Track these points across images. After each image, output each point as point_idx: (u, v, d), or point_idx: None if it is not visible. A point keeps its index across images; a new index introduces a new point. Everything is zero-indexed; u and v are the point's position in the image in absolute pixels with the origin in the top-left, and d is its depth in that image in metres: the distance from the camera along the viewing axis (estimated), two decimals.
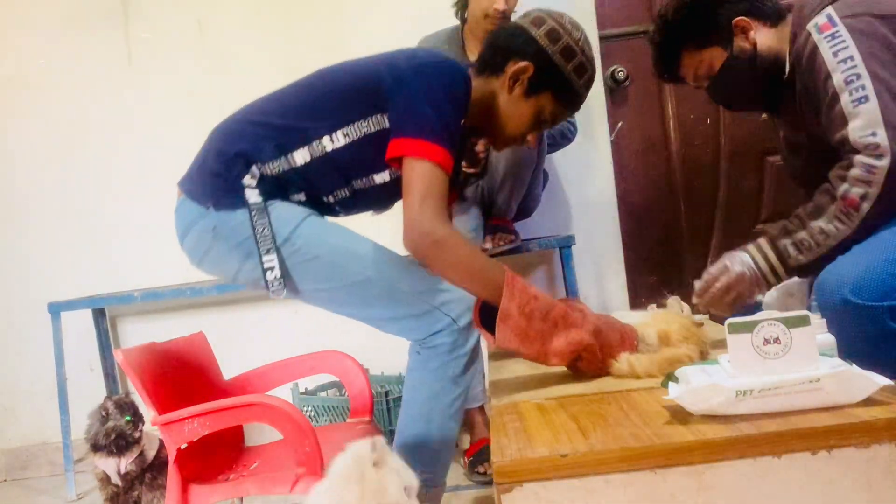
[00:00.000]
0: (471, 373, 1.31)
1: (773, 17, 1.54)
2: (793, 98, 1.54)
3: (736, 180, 2.76)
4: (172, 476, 1.34)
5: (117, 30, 2.74)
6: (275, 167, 1.33)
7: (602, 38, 2.67)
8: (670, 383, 0.98)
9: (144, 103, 2.73)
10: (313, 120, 1.34)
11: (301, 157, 1.34)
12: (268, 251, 1.28)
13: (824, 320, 1.09)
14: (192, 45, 2.73)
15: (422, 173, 1.22)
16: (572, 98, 1.40)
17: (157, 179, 2.72)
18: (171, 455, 1.33)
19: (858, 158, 1.34)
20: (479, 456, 2.09)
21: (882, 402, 0.88)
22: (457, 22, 2.40)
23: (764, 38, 1.54)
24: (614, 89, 2.75)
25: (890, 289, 1.25)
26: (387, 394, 2.27)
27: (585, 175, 2.65)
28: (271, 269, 1.28)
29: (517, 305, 1.21)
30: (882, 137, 1.32)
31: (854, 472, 0.83)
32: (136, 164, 2.74)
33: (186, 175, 1.41)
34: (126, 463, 1.91)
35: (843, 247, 1.36)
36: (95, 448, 1.88)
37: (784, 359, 0.92)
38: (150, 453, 1.96)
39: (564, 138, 2.38)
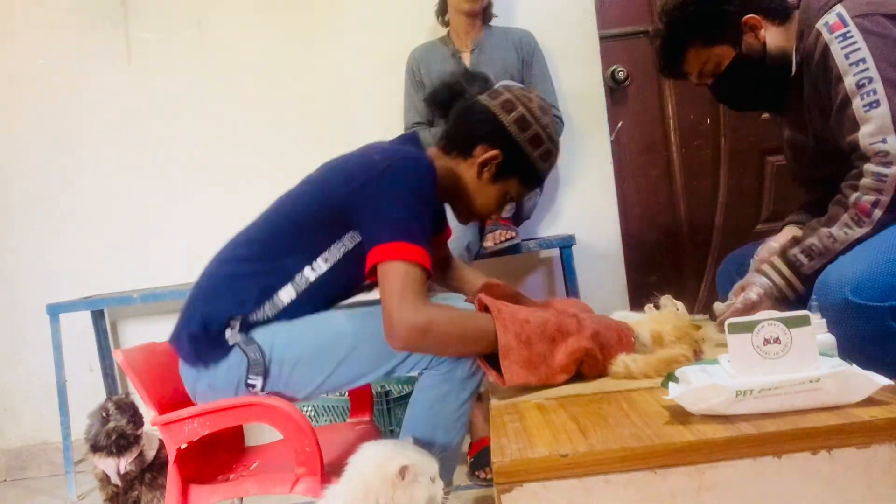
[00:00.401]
0: (479, 375, 1.30)
1: (782, 15, 1.52)
2: (799, 97, 1.53)
3: (736, 180, 2.76)
4: (172, 476, 1.34)
5: (117, 30, 2.74)
6: (260, 315, 1.32)
7: (602, 38, 2.67)
8: (670, 383, 0.98)
9: (144, 103, 2.73)
10: (289, 256, 1.33)
11: (287, 295, 1.32)
12: (257, 374, 1.29)
13: (824, 320, 1.09)
14: (192, 45, 2.73)
15: (395, 274, 1.22)
16: (537, 180, 1.44)
17: (156, 180, 2.73)
18: (172, 455, 1.33)
19: (868, 167, 1.35)
20: (479, 459, 2.09)
21: (882, 402, 0.89)
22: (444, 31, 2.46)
23: (773, 36, 1.51)
24: (614, 89, 2.75)
25: (890, 288, 1.24)
26: (387, 394, 2.27)
27: (585, 175, 2.65)
28: (252, 386, 1.29)
29: (514, 335, 1.22)
30: (892, 144, 1.32)
31: (854, 472, 0.83)
32: (136, 165, 2.74)
33: (175, 335, 1.37)
34: (126, 463, 1.91)
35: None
36: (95, 448, 1.88)
37: (784, 359, 0.92)
38: (150, 453, 1.96)
39: None
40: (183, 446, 1.33)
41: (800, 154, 1.64)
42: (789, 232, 1.67)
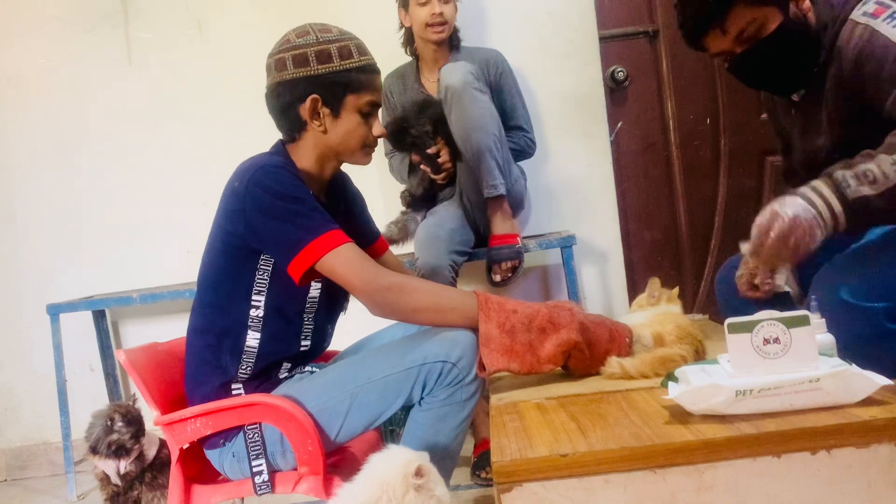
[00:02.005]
0: (478, 395, 1.30)
1: None
2: (818, 93, 1.46)
3: (736, 180, 2.77)
4: (175, 476, 1.34)
5: (117, 30, 2.74)
6: (246, 369, 1.34)
7: (602, 39, 2.67)
8: (670, 383, 0.98)
9: (144, 103, 2.73)
10: (229, 309, 1.34)
11: (252, 339, 1.34)
12: (256, 456, 1.30)
13: (824, 320, 1.09)
14: (192, 45, 2.73)
15: (335, 262, 1.25)
16: (362, 78, 1.35)
17: (156, 180, 2.73)
18: (174, 455, 1.34)
19: None
20: (481, 459, 2.09)
21: (882, 402, 0.89)
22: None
23: (812, 12, 1.44)
24: (614, 89, 2.75)
25: (886, 289, 1.24)
26: None
27: (585, 175, 2.65)
28: (259, 473, 1.30)
29: (496, 325, 1.24)
30: None
31: (854, 472, 0.83)
32: (136, 165, 2.74)
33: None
34: (125, 464, 1.91)
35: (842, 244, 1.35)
36: (95, 451, 1.88)
37: (784, 359, 0.92)
38: (151, 453, 1.96)
39: (524, 153, 2.38)
40: (185, 446, 1.34)
41: (811, 153, 1.55)
42: None
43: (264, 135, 1.46)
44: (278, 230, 1.26)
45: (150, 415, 1.38)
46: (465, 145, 2.08)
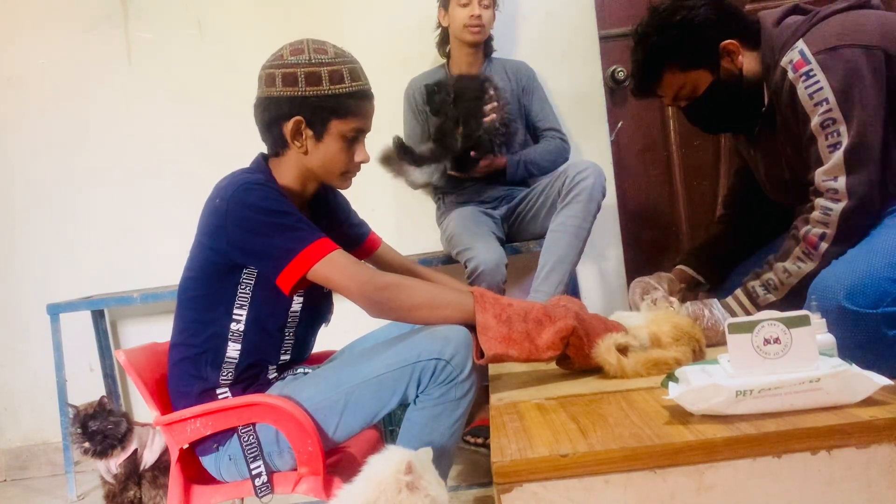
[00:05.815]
0: (473, 393, 1.30)
1: (755, 40, 1.52)
2: (771, 130, 1.54)
3: None
4: (175, 476, 1.34)
5: (117, 30, 2.74)
6: (227, 376, 1.35)
7: (602, 38, 2.67)
8: (670, 383, 0.99)
9: (144, 103, 2.73)
10: (210, 322, 1.34)
11: (233, 350, 1.34)
12: (254, 458, 1.30)
13: (824, 320, 1.09)
14: (192, 45, 2.73)
15: (328, 268, 1.25)
16: (350, 104, 1.33)
17: (156, 180, 2.73)
18: (174, 455, 1.33)
19: (819, 201, 1.39)
20: (476, 429, 2.11)
21: (882, 402, 0.89)
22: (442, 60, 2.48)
23: (748, 62, 1.52)
24: (614, 89, 2.75)
25: (884, 294, 1.24)
26: None
27: None
28: (259, 475, 1.30)
29: (493, 315, 1.26)
30: (842, 183, 1.36)
31: (854, 472, 0.83)
32: (136, 165, 2.74)
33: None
34: (115, 464, 1.92)
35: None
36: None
37: (784, 359, 0.92)
38: (149, 455, 1.96)
39: (560, 155, 2.43)
40: (185, 446, 1.34)
41: (778, 185, 1.63)
42: (677, 274, 1.76)
43: None
44: (265, 244, 1.26)
45: (151, 416, 1.38)
46: (558, 240, 2.10)
